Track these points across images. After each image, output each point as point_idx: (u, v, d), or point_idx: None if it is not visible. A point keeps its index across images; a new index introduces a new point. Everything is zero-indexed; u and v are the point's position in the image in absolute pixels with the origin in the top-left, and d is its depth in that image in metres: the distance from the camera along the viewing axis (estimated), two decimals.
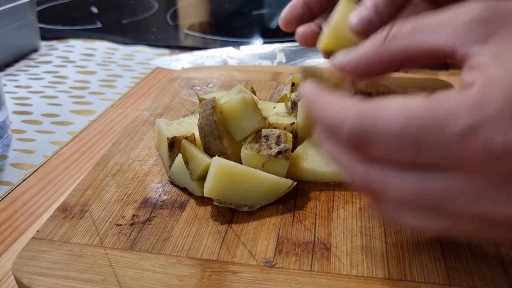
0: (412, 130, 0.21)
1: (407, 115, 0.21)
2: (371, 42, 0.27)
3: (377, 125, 0.22)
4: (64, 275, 0.29)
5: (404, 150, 0.22)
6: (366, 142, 0.23)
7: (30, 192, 0.42)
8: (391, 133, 0.22)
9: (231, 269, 0.29)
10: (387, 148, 0.22)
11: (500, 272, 0.28)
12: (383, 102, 0.22)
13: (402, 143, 0.22)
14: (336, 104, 0.25)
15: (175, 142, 0.37)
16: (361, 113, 0.23)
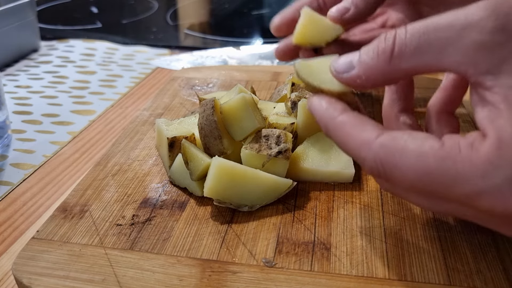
0: (425, 182, 0.24)
1: (422, 169, 0.24)
2: (377, 57, 0.26)
3: (394, 173, 0.24)
4: (64, 275, 0.29)
5: (417, 193, 0.25)
6: (384, 178, 0.25)
7: (30, 192, 0.42)
8: (406, 180, 0.24)
9: (231, 269, 0.29)
10: (404, 186, 0.25)
11: (500, 272, 0.28)
12: (401, 145, 0.24)
13: (416, 188, 0.24)
14: (355, 139, 0.26)
15: (175, 142, 0.37)
16: (380, 158, 0.25)
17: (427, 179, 0.23)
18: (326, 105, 0.28)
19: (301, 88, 0.42)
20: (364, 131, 0.26)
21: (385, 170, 0.25)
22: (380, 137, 0.25)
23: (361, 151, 0.26)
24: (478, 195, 0.22)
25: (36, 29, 0.76)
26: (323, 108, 0.28)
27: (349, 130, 0.26)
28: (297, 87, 0.42)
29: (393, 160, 0.24)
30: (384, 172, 0.25)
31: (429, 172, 0.23)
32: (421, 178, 0.23)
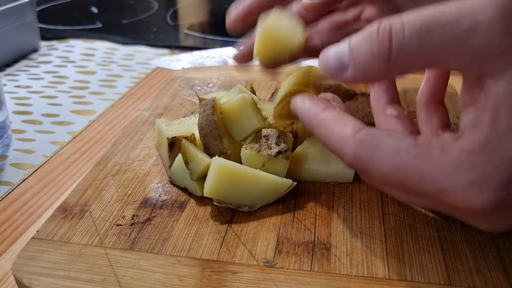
0: (398, 177, 0.24)
1: (395, 164, 0.24)
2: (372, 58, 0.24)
3: (369, 167, 0.25)
4: (64, 275, 0.29)
5: (390, 186, 0.26)
6: (361, 171, 0.26)
7: (30, 192, 0.42)
8: (381, 174, 0.25)
9: (231, 269, 0.29)
10: (379, 180, 0.26)
11: (500, 272, 0.28)
12: (378, 141, 0.25)
13: (390, 182, 0.25)
14: (336, 134, 0.27)
15: (175, 142, 0.37)
16: (358, 153, 0.25)
17: (400, 174, 0.24)
18: (309, 104, 0.29)
19: None
20: (344, 127, 0.27)
21: (362, 164, 0.25)
22: (358, 132, 0.26)
23: (341, 146, 0.26)
24: (444, 193, 0.23)
25: (36, 29, 0.76)
26: (307, 107, 0.29)
27: (330, 127, 0.27)
28: None
29: (369, 155, 0.25)
30: (361, 166, 0.26)
31: (401, 167, 0.24)
32: (394, 173, 0.24)
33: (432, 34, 0.22)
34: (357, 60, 0.25)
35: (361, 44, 0.25)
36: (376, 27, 0.24)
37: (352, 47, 0.25)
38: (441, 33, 0.22)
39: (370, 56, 0.24)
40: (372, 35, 0.24)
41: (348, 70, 0.26)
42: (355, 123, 0.26)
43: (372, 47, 0.24)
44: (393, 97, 0.34)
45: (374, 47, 0.24)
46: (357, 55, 0.25)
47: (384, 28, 0.24)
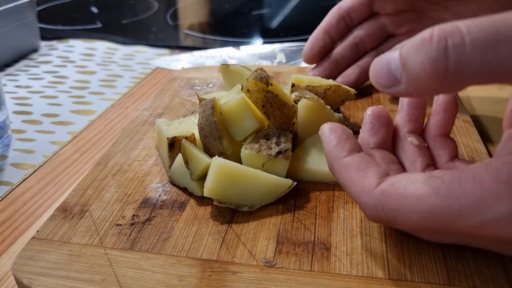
0: (429, 221, 0.24)
1: (424, 210, 0.24)
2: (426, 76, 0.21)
3: (397, 218, 0.25)
4: (64, 275, 0.29)
5: (421, 232, 0.26)
6: (385, 222, 0.26)
7: (30, 192, 0.42)
8: (410, 223, 0.25)
9: (231, 269, 0.29)
10: (407, 228, 0.26)
11: (500, 272, 0.28)
12: (401, 190, 0.25)
13: (420, 228, 0.25)
14: (357, 184, 0.27)
15: (175, 142, 0.37)
16: (381, 205, 0.25)
17: (430, 218, 0.24)
18: (336, 142, 0.29)
19: (302, 88, 0.42)
20: (366, 177, 0.27)
21: (386, 216, 0.25)
22: (380, 185, 0.26)
23: (361, 197, 0.26)
24: (484, 226, 0.22)
25: (36, 29, 0.76)
26: (332, 145, 0.29)
27: (352, 174, 0.27)
28: (297, 87, 0.42)
29: (394, 206, 0.25)
30: (385, 218, 0.25)
31: (432, 211, 0.23)
32: (424, 218, 0.24)
33: (500, 48, 0.19)
34: (410, 76, 0.22)
35: (413, 57, 0.22)
36: (429, 36, 0.21)
37: (404, 60, 0.22)
38: (510, 48, 0.19)
39: (423, 72, 0.21)
40: (425, 46, 0.21)
41: (400, 85, 0.23)
42: (378, 173, 0.26)
43: (426, 62, 0.21)
44: (418, 127, 0.34)
45: (428, 62, 0.21)
46: (410, 70, 0.22)
47: (439, 38, 0.21)
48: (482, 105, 0.52)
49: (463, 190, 0.23)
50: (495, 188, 0.22)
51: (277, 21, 0.90)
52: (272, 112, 0.36)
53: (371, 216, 0.26)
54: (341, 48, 0.51)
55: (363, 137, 0.33)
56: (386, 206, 0.25)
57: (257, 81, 0.35)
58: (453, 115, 0.33)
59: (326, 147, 0.30)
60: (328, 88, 0.43)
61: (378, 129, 0.33)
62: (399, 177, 0.25)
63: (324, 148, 0.30)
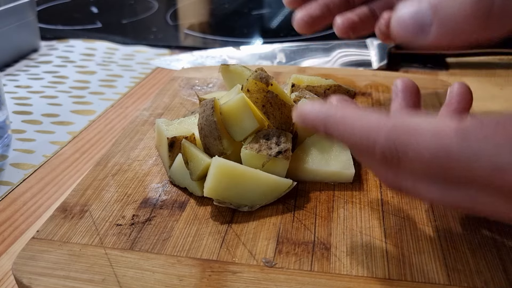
0: (441, 160, 0.22)
1: (438, 146, 0.22)
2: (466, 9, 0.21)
3: (408, 153, 0.22)
4: (64, 275, 0.29)
5: (432, 174, 0.23)
6: (396, 163, 0.23)
7: (30, 192, 0.42)
8: (420, 161, 0.22)
9: (231, 269, 0.29)
10: (417, 170, 0.23)
11: (500, 272, 0.28)
12: (414, 125, 0.23)
13: (430, 171, 0.23)
14: (363, 125, 0.24)
15: (175, 142, 0.37)
16: (392, 138, 0.23)
17: (443, 156, 0.22)
18: (319, 106, 0.27)
19: (301, 88, 0.42)
20: (372, 117, 0.24)
21: (397, 150, 0.23)
22: (390, 119, 0.23)
23: (370, 135, 0.24)
24: (502, 171, 0.21)
25: (36, 29, 0.76)
26: (317, 109, 0.26)
27: (353, 121, 0.25)
28: (297, 87, 0.42)
29: (407, 139, 0.22)
30: (396, 154, 0.23)
31: (446, 149, 0.21)
32: (437, 157, 0.22)
33: None
34: (443, 16, 0.22)
35: None
36: None
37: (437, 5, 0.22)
38: None
39: (462, 9, 0.21)
40: None
41: (431, 29, 0.23)
42: (382, 113, 0.24)
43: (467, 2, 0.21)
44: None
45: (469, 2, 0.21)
46: (444, 10, 0.22)
47: None
48: (482, 106, 0.52)
49: (484, 133, 0.21)
50: None
51: (277, 21, 0.90)
52: (272, 112, 0.36)
53: (381, 153, 0.23)
54: None
55: (395, 109, 0.31)
56: (398, 138, 0.23)
57: (257, 81, 0.35)
58: (468, 106, 0.31)
59: (314, 114, 0.26)
60: (328, 88, 0.43)
61: (410, 98, 0.31)
62: (412, 116, 0.23)
63: (311, 117, 0.27)
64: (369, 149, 0.24)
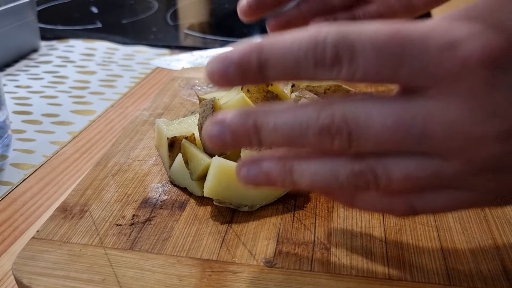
0: (396, 40, 0.21)
1: (392, 28, 0.21)
2: None
3: (362, 37, 0.21)
4: (64, 275, 0.29)
5: (388, 63, 0.21)
6: (350, 55, 0.21)
7: (30, 192, 0.42)
8: (377, 43, 0.21)
9: (231, 269, 0.29)
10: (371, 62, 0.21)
11: (500, 272, 0.28)
12: (364, 22, 0.22)
13: (387, 55, 0.21)
14: (306, 30, 0.22)
15: (175, 142, 0.37)
16: (344, 27, 0.22)
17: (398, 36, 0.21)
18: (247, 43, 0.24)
19: (301, 88, 0.42)
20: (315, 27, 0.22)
21: (350, 38, 0.21)
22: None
23: (320, 32, 0.22)
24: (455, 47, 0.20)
25: (36, 29, 0.76)
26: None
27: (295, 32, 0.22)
28: (297, 87, 0.42)
29: (361, 28, 0.21)
30: (350, 41, 0.21)
31: (399, 28, 0.21)
32: (392, 37, 0.21)
33: None
34: None
35: None
36: None
37: None
38: None
39: None
40: None
41: None
42: None
43: None
44: None
45: None
46: None
47: None
48: None
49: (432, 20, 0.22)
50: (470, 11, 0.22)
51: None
52: None
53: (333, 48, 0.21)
54: None
55: None
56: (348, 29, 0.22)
57: None
58: None
59: None
60: (328, 88, 0.43)
61: None
62: None
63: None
64: (317, 48, 0.22)
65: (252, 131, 0.24)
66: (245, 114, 0.24)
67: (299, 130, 0.23)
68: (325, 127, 0.23)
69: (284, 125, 0.23)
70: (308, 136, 0.23)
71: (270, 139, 0.24)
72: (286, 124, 0.23)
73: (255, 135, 0.24)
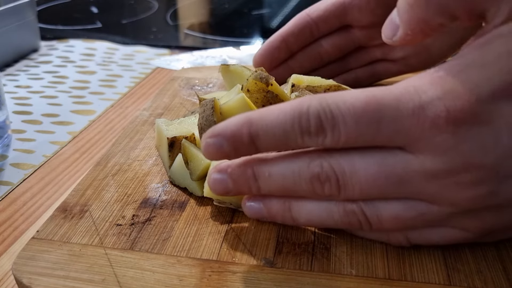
0: (372, 107, 0.24)
1: (368, 95, 0.24)
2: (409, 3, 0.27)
3: (340, 106, 0.24)
4: (64, 275, 0.29)
5: (367, 128, 0.24)
6: (331, 124, 0.24)
7: (30, 192, 0.42)
8: (355, 111, 0.24)
9: (231, 269, 0.29)
10: (351, 129, 0.24)
11: (500, 272, 0.28)
12: (340, 92, 0.25)
13: (365, 122, 0.24)
14: (289, 103, 0.25)
15: (175, 142, 0.37)
16: (324, 98, 0.24)
17: (374, 102, 0.24)
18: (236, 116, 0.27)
19: (302, 88, 0.42)
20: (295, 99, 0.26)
21: (331, 109, 0.24)
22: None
23: (302, 103, 0.25)
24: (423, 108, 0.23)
25: (36, 29, 0.76)
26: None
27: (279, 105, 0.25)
28: (297, 87, 0.42)
29: (339, 98, 0.24)
30: (330, 112, 0.24)
31: (375, 94, 0.24)
32: (368, 104, 0.24)
33: None
34: (402, 15, 0.28)
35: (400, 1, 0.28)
36: None
37: (398, 6, 0.28)
38: None
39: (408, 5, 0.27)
40: None
41: (399, 28, 0.29)
42: None
43: None
44: None
45: None
46: (401, 9, 0.28)
47: None
48: None
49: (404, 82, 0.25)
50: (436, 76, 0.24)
51: (277, 21, 0.90)
52: None
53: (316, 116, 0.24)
54: (302, 57, 0.47)
55: None
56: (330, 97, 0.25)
57: (257, 81, 0.35)
58: None
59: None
60: (328, 88, 0.43)
61: None
62: None
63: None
64: (301, 120, 0.24)
65: (251, 180, 0.27)
66: (245, 163, 0.27)
67: (292, 178, 0.26)
68: (315, 175, 0.26)
69: (278, 174, 0.26)
70: (301, 183, 0.26)
71: (267, 187, 0.27)
72: (279, 173, 0.26)
73: (254, 183, 0.27)
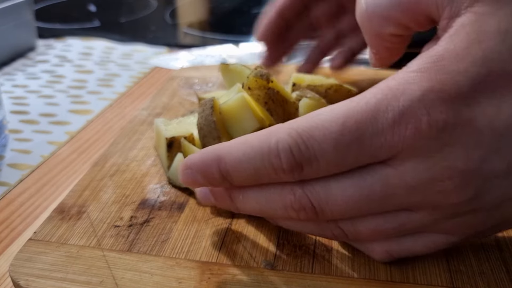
0: (350, 127, 0.22)
1: (343, 113, 0.22)
2: None
3: (315, 135, 0.22)
4: (61, 277, 0.28)
5: (347, 151, 0.22)
6: (307, 156, 0.22)
7: (28, 193, 0.41)
8: (332, 137, 0.22)
9: (231, 271, 0.28)
10: (331, 156, 0.22)
11: (503, 274, 0.28)
12: (312, 114, 0.23)
13: (345, 144, 0.22)
14: (259, 134, 0.24)
15: (173, 142, 0.37)
16: (294, 129, 0.22)
17: (352, 120, 0.22)
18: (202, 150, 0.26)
19: (302, 87, 0.41)
20: (263, 130, 0.24)
21: (303, 140, 0.22)
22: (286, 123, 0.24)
23: (270, 136, 0.23)
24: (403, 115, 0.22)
25: (33, 28, 0.76)
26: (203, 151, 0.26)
27: (246, 138, 0.24)
28: (298, 86, 0.42)
29: (310, 124, 0.22)
30: (303, 143, 0.22)
31: (351, 114, 0.22)
32: (346, 123, 0.22)
33: None
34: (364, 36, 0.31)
35: None
36: None
37: None
38: None
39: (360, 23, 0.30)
40: None
41: None
42: None
43: None
44: None
45: None
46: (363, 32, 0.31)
47: None
48: None
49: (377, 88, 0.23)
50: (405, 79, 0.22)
51: None
52: (274, 109, 0.36)
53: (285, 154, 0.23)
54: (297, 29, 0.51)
55: None
56: (301, 127, 0.23)
57: (257, 79, 0.35)
58: None
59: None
60: (329, 87, 0.43)
61: None
62: None
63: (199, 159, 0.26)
64: (270, 157, 0.23)
65: (229, 200, 0.27)
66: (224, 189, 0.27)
67: (266, 204, 0.26)
68: (287, 204, 0.25)
69: (252, 200, 0.26)
70: (276, 210, 0.26)
71: (244, 210, 0.27)
72: (253, 199, 0.26)
73: (231, 204, 0.27)
